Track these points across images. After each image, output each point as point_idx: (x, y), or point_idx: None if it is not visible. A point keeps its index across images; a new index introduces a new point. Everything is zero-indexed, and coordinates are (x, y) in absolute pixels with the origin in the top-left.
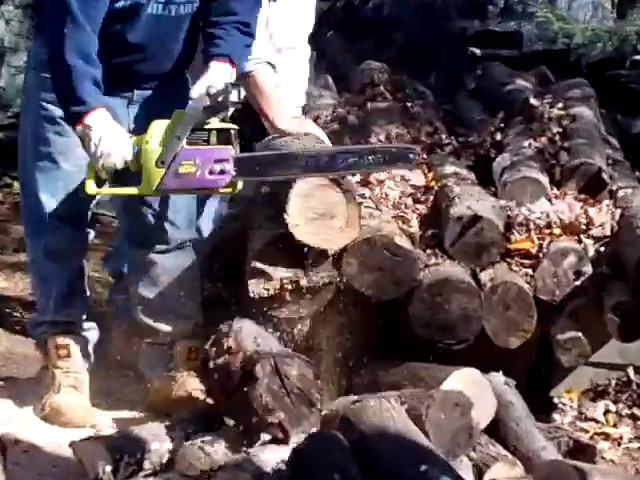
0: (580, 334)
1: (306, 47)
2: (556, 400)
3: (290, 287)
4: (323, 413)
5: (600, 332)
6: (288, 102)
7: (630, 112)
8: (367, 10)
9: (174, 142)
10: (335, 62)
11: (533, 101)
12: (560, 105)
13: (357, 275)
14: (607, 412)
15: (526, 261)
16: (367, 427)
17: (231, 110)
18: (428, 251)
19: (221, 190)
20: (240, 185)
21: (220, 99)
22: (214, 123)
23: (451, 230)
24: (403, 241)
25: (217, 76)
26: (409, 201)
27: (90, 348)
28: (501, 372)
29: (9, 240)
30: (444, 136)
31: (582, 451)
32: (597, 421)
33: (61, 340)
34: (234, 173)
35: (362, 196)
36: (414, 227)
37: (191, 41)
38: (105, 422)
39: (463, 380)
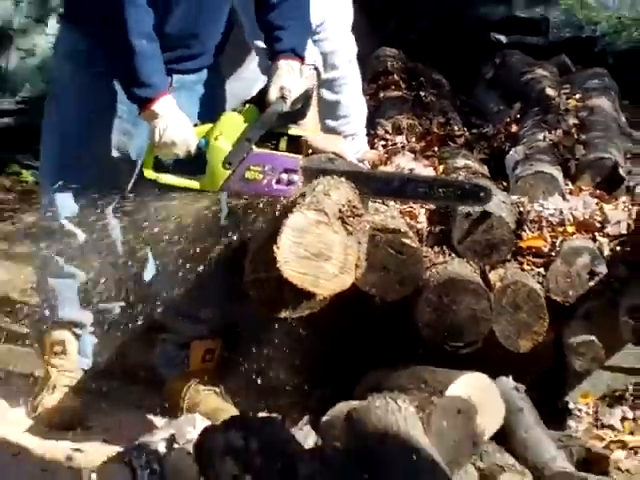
0: (594, 338)
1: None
2: (571, 406)
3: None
4: (323, 419)
5: (616, 336)
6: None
7: None
8: None
9: (244, 144)
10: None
11: (549, 91)
12: (578, 96)
13: (362, 274)
14: (624, 419)
15: (538, 260)
16: (370, 430)
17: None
18: (436, 249)
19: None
20: None
21: (297, 106)
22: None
23: (459, 227)
24: (409, 238)
25: (289, 77)
26: None
27: (89, 348)
28: (511, 377)
29: (14, 230)
30: (457, 127)
31: (595, 461)
32: (613, 428)
33: (57, 336)
34: (301, 185)
35: None
36: (421, 223)
37: (230, 17)
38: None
39: (470, 385)
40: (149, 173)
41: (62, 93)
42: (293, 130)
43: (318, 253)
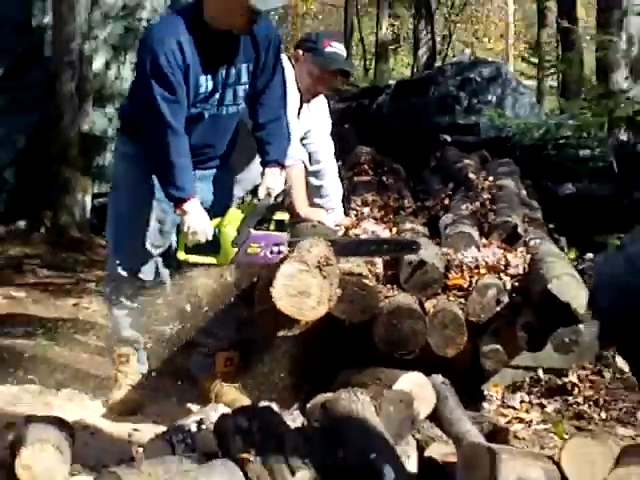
0: (499, 346)
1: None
2: (485, 393)
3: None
4: (307, 406)
5: (515, 344)
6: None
7: (556, 180)
8: (372, 109)
9: (245, 229)
10: (346, 148)
11: (471, 175)
12: (491, 178)
13: (335, 305)
14: (522, 402)
15: (460, 293)
16: (339, 414)
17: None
18: (388, 286)
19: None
20: None
21: (279, 199)
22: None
23: (405, 271)
24: (368, 279)
25: (274, 181)
26: None
27: (144, 358)
28: (440, 375)
29: (104, 275)
30: (407, 201)
31: (499, 433)
32: (515, 408)
33: (122, 350)
34: (287, 252)
35: None
36: (379, 268)
37: (236, 132)
38: (153, 412)
39: (410, 381)
40: (181, 255)
41: (118, 186)
42: (278, 215)
43: (302, 292)
